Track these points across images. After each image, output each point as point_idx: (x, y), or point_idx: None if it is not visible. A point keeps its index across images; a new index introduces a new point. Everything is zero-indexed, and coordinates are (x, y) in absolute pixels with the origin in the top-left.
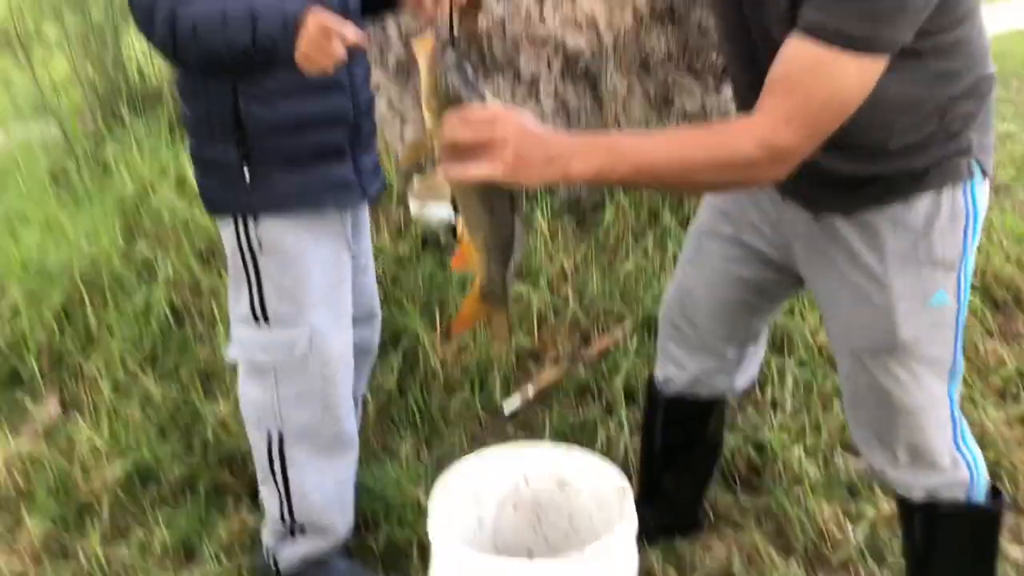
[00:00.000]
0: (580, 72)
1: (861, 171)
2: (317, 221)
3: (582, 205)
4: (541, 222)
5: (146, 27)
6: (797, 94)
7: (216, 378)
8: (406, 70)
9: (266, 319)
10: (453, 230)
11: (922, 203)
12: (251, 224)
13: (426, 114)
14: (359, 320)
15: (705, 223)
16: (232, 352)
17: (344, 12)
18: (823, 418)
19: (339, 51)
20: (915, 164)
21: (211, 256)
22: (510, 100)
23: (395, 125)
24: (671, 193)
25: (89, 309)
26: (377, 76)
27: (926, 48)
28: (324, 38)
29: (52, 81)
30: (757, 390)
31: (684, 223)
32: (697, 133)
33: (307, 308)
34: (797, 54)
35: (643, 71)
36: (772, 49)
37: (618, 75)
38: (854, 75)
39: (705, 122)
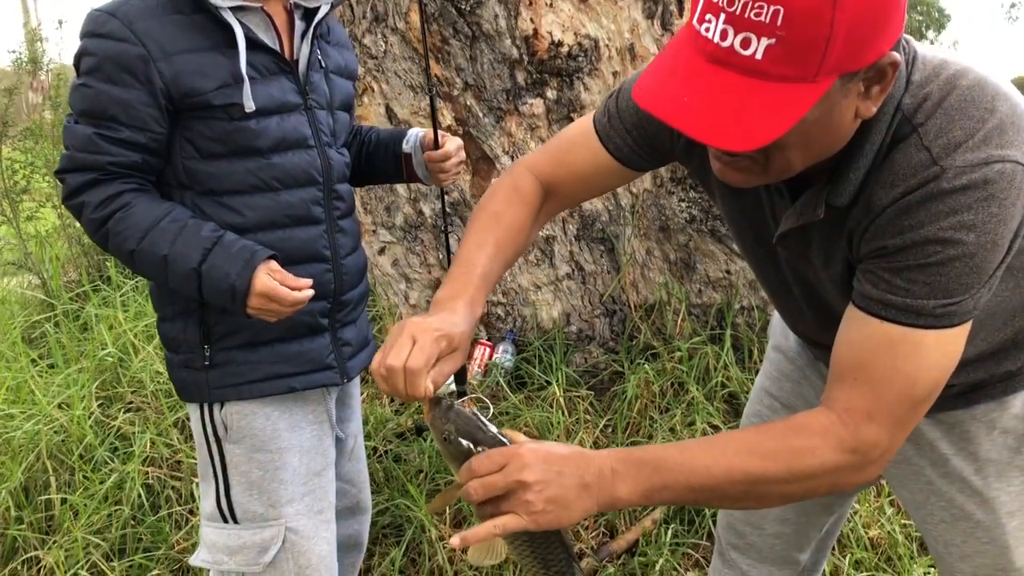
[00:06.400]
0: (597, 235)
1: None
2: (293, 399)
3: (600, 373)
4: (556, 392)
5: (77, 217)
6: (873, 384)
7: None
8: (414, 229)
9: (234, 518)
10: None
11: (1018, 401)
12: (215, 406)
13: (452, 468)
14: (344, 513)
15: (762, 413)
16: (197, 558)
17: (328, 182)
18: None
19: (287, 310)
20: (1005, 367)
21: None
22: (523, 263)
23: (400, 284)
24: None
25: (53, 488)
26: (383, 235)
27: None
28: (272, 303)
29: (38, 233)
30: None
31: (711, 396)
32: (761, 441)
33: (281, 504)
34: (865, 336)
35: (663, 235)
36: (820, 307)
37: (636, 239)
38: (935, 350)
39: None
